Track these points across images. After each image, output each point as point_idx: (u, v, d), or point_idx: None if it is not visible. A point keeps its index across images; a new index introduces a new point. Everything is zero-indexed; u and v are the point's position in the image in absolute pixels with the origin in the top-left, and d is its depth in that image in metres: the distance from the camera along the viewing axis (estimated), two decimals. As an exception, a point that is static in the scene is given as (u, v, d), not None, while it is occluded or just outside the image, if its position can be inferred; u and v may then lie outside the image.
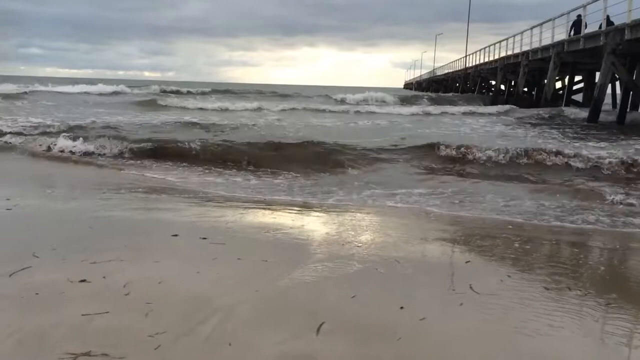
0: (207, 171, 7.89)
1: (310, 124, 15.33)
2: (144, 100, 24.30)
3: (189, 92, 32.56)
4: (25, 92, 26.90)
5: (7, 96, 24.04)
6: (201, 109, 21.26)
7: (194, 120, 14.98)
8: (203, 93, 32.36)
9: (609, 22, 17.62)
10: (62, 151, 9.19)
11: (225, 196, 5.88)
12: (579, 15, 20.22)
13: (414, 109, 23.56)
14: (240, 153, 8.95)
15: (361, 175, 7.74)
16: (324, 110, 21.75)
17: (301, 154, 9.07)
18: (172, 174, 7.54)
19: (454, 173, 8.18)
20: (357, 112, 21.86)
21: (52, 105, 20.26)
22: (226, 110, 20.98)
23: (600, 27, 17.93)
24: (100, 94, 29.44)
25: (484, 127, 15.50)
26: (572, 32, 20.64)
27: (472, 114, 21.13)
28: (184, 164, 8.33)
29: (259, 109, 21.43)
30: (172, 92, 32.80)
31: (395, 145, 10.18)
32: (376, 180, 7.24)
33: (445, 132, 13.43)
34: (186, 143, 9.27)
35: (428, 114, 21.60)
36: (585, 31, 19.17)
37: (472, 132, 14.01)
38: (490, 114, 20.78)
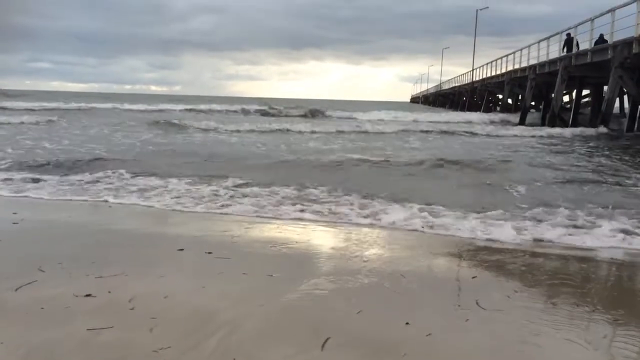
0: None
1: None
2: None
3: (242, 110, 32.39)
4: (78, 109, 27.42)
5: (85, 113, 24.06)
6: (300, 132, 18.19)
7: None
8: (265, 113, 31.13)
9: (602, 40, 17.72)
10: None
11: None
12: (569, 34, 20.54)
13: (522, 130, 19.24)
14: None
15: None
16: (452, 133, 18.53)
17: None
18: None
19: None
20: (496, 135, 18.05)
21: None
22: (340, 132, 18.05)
23: (594, 44, 18.14)
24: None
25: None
26: (564, 50, 20.91)
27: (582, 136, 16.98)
28: None
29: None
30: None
31: None
32: None
33: None
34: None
35: (553, 135, 17.49)
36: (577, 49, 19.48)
37: None
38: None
